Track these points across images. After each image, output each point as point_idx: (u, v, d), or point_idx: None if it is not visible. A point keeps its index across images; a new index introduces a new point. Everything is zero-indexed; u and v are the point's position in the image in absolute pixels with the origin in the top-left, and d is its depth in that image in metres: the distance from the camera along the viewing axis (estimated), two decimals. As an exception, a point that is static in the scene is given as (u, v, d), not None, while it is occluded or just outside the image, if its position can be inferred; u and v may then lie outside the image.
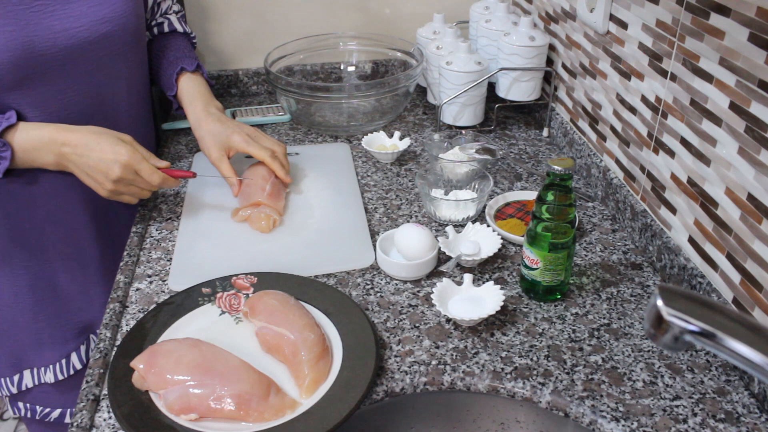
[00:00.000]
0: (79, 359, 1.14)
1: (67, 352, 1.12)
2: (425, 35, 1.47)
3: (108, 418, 0.76)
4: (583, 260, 1.01)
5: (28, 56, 0.90)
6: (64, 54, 0.94)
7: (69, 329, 1.12)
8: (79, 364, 1.14)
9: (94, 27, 0.96)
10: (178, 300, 0.90)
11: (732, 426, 0.74)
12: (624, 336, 0.87)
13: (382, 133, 1.31)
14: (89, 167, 0.94)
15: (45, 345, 1.11)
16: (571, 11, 1.24)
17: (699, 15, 0.85)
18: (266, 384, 0.76)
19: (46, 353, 1.11)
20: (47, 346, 1.11)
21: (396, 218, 1.11)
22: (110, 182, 0.95)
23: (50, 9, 0.92)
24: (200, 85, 1.17)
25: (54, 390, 1.14)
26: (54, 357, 1.11)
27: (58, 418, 1.16)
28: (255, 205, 1.07)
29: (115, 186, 0.96)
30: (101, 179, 0.95)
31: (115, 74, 1.03)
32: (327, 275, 0.98)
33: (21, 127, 0.93)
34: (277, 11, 1.52)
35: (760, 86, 0.75)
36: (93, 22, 0.96)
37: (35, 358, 1.11)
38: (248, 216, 1.06)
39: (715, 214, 0.86)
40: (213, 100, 1.17)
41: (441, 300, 0.88)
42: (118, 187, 0.96)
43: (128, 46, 1.04)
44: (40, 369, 1.11)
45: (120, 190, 0.97)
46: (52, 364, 1.11)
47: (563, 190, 0.85)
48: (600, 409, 0.77)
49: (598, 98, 1.17)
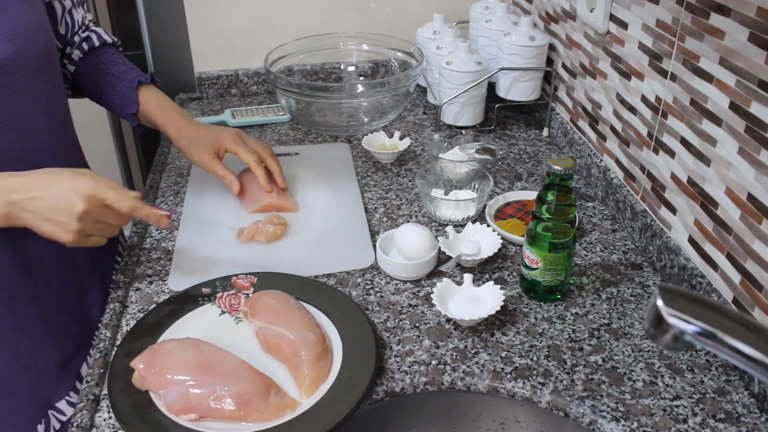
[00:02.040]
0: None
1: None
2: (425, 35, 1.47)
3: (108, 418, 0.76)
4: (583, 260, 1.01)
5: None
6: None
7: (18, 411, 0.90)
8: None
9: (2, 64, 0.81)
10: (178, 300, 0.90)
11: (732, 426, 0.74)
12: (624, 336, 0.87)
13: (382, 133, 1.31)
14: (47, 209, 0.78)
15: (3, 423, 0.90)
16: (571, 11, 1.24)
17: (699, 15, 0.85)
18: (266, 384, 0.76)
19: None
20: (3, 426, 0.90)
21: (396, 218, 1.11)
22: (75, 220, 0.79)
23: None
24: (163, 95, 1.10)
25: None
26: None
27: None
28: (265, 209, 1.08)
29: (81, 224, 0.80)
30: (63, 219, 0.79)
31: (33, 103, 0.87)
32: (327, 275, 0.98)
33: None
34: (277, 11, 1.52)
35: (760, 86, 0.75)
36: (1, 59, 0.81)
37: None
38: (255, 231, 1.04)
39: (715, 214, 0.86)
40: (182, 108, 1.12)
41: (441, 300, 0.88)
42: (85, 225, 0.80)
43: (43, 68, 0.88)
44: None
45: (87, 230, 0.81)
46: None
47: (563, 190, 0.85)
48: (600, 409, 0.77)
49: (598, 98, 1.17)
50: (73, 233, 0.80)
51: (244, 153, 1.07)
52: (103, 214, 0.82)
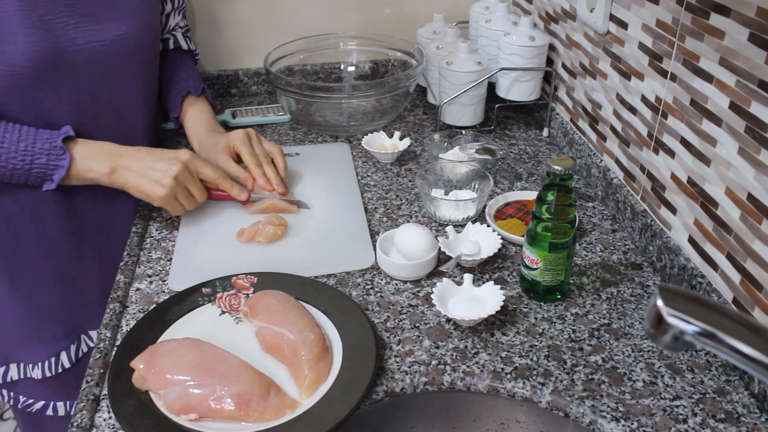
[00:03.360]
0: (68, 358, 1.14)
1: (57, 351, 1.12)
2: (425, 35, 1.47)
3: (108, 418, 0.76)
4: (583, 260, 1.01)
5: (48, 64, 0.92)
6: (85, 66, 0.97)
7: (59, 328, 1.12)
8: (68, 363, 1.14)
9: (114, 43, 0.99)
10: (178, 300, 0.90)
11: (732, 426, 0.74)
12: (624, 336, 0.87)
13: (382, 133, 1.31)
14: (148, 167, 0.96)
15: (34, 342, 1.11)
16: (571, 11, 1.24)
17: (699, 15, 0.85)
18: (266, 384, 0.76)
19: (35, 350, 1.11)
20: (36, 342, 1.11)
21: (396, 218, 1.11)
22: (170, 178, 0.96)
23: (74, 22, 0.94)
24: (204, 110, 1.20)
25: (39, 384, 1.14)
26: (42, 355, 1.11)
27: (40, 409, 1.16)
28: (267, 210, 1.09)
29: (174, 183, 0.96)
30: (160, 176, 0.96)
31: (131, 87, 1.06)
32: (327, 275, 0.98)
33: (79, 140, 0.97)
34: (277, 11, 1.52)
35: (760, 86, 0.75)
36: (114, 38, 0.99)
37: (23, 353, 1.11)
38: (255, 232, 1.04)
39: (715, 214, 0.86)
40: (217, 125, 1.20)
41: (441, 300, 0.88)
42: (177, 186, 0.97)
43: (145, 61, 1.07)
44: (28, 365, 1.12)
45: (177, 190, 0.98)
46: (40, 361, 1.12)
47: (563, 190, 0.85)
48: (600, 409, 0.77)
49: (598, 98, 1.17)
50: (167, 189, 0.97)
51: (246, 153, 1.09)
52: (193, 182, 1.00)
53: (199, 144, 1.16)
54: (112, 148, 0.98)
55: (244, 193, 1.06)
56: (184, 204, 1.01)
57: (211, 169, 1.02)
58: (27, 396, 1.15)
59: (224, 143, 1.11)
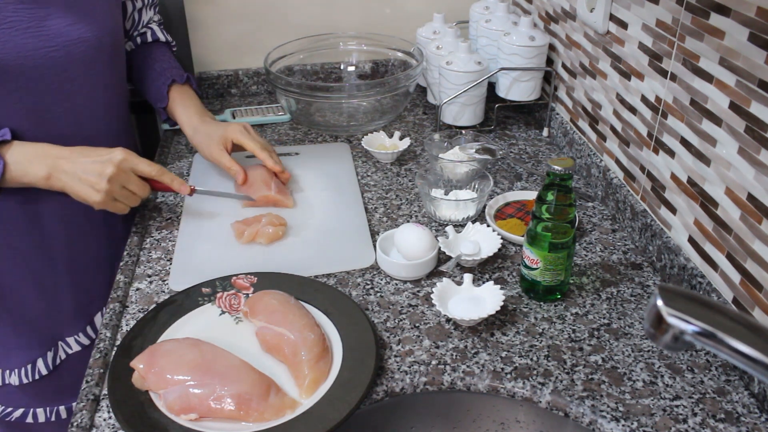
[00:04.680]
0: (45, 365, 1.11)
1: (33, 358, 1.10)
2: (425, 35, 1.47)
3: (108, 418, 0.76)
4: (583, 260, 1.01)
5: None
6: (36, 73, 0.92)
7: (34, 335, 1.10)
8: (44, 370, 1.11)
9: (68, 47, 0.94)
10: (178, 300, 0.90)
11: (732, 426, 0.74)
12: (624, 336, 0.87)
13: (382, 133, 1.31)
14: (83, 170, 0.92)
15: (11, 349, 1.09)
16: (571, 11, 1.24)
17: (699, 15, 0.85)
18: (266, 384, 0.76)
19: (12, 357, 1.09)
20: (13, 350, 1.09)
21: (396, 218, 1.11)
22: (104, 181, 0.92)
23: (23, 26, 0.89)
24: (192, 97, 1.20)
25: (18, 391, 1.12)
26: (19, 362, 1.09)
27: (19, 417, 1.14)
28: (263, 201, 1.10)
29: (110, 186, 0.93)
30: (94, 180, 0.92)
31: (91, 94, 1.01)
32: (327, 275, 0.98)
33: (15, 143, 0.93)
34: (277, 11, 1.52)
35: (760, 86, 0.75)
36: (67, 42, 0.94)
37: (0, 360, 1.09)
38: (256, 233, 1.03)
39: (715, 214, 0.86)
40: (206, 111, 1.20)
41: (441, 300, 0.88)
42: (113, 187, 0.94)
43: (104, 66, 1.02)
44: (5, 372, 1.10)
45: (114, 193, 0.94)
46: (17, 368, 1.09)
47: (563, 190, 0.85)
48: (600, 409, 0.77)
49: (598, 98, 1.17)
50: (102, 193, 0.93)
51: (249, 142, 1.12)
52: (130, 181, 0.96)
53: (192, 130, 1.15)
54: (48, 151, 0.93)
55: (185, 186, 1.03)
56: (126, 203, 0.98)
57: (147, 164, 0.98)
58: (6, 404, 1.13)
59: (220, 135, 1.12)
